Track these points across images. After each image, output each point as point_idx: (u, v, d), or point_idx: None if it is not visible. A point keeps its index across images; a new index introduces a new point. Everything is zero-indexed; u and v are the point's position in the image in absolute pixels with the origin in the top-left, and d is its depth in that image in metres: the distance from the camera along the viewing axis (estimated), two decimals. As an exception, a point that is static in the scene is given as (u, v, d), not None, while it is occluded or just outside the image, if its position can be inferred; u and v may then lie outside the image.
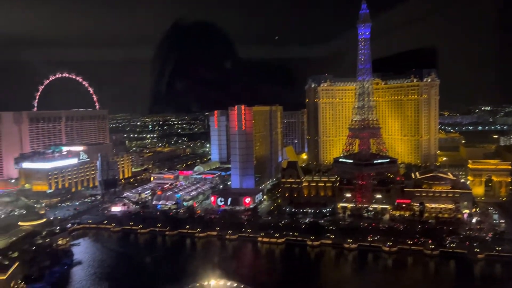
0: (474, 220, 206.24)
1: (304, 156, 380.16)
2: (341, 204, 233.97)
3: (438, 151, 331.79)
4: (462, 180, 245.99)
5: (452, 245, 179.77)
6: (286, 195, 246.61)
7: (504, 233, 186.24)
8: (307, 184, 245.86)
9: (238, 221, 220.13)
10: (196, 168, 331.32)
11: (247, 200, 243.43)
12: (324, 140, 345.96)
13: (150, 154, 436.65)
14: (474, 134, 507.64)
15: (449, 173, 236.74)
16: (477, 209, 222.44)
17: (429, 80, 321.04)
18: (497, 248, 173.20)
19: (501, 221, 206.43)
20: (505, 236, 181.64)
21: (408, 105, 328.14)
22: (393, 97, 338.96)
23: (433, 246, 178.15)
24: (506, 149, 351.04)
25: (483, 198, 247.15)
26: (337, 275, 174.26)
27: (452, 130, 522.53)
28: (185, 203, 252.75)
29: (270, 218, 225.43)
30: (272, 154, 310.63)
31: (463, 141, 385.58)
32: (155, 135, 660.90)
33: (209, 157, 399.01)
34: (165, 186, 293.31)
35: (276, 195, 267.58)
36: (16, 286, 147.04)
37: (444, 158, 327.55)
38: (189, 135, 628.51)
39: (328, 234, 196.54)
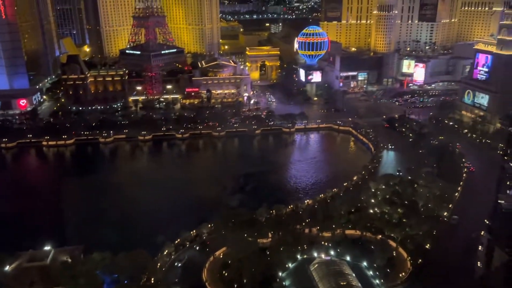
0: (252, 102, 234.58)
1: (86, 48, 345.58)
2: (132, 98, 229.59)
3: (221, 40, 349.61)
4: (242, 67, 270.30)
5: (235, 125, 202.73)
6: (70, 93, 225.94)
7: (273, 111, 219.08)
8: (93, 79, 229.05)
9: (13, 126, 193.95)
10: None
11: (22, 102, 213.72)
12: (107, 30, 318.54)
13: None
14: (250, 22, 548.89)
15: (230, 61, 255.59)
16: (254, 92, 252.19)
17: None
18: (269, 123, 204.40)
19: (272, 100, 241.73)
20: (275, 113, 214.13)
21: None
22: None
23: (220, 128, 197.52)
24: (275, 36, 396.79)
25: (259, 81, 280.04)
26: (133, 166, 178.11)
27: (232, 18, 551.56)
28: None
29: (53, 119, 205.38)
30: (47, 47, 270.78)
31: (241, 30, 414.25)
32: None
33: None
34: None
35: (58, 94, 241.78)
36: None
37: (226, 46, 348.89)
38: None
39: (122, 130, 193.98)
